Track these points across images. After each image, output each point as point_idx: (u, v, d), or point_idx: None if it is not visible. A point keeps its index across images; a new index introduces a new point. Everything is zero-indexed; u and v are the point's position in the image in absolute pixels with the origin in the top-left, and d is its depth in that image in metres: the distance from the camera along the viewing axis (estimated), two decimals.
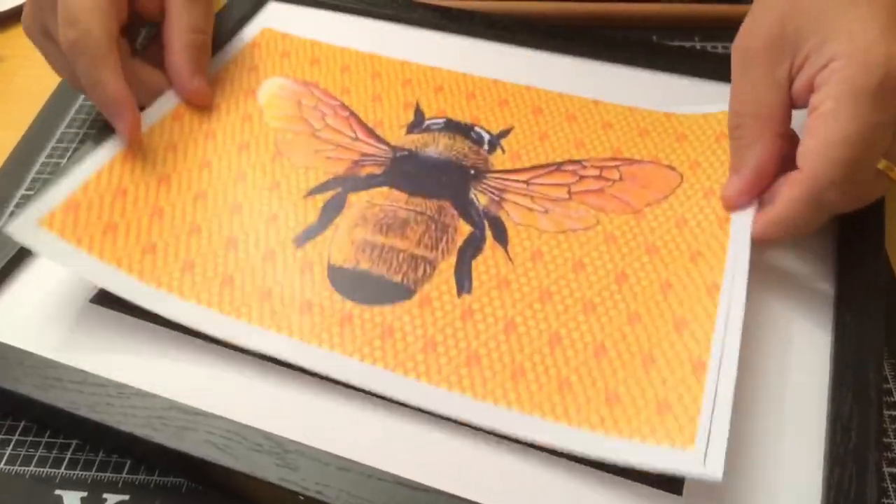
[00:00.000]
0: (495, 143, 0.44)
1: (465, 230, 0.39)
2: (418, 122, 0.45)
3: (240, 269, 0.37)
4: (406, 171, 0.42)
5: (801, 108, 0.36)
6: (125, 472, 0.34)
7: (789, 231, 0.35)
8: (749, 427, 0.33)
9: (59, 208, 0.37)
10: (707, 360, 0.32)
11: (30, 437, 0.35)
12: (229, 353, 0.35)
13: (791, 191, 0.35)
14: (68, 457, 0.34)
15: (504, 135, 0.44)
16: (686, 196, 0.40)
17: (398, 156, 0.43)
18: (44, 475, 0.33)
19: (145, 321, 0.36)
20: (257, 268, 0.37)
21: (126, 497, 0.33)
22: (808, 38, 0.35)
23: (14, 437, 0.35)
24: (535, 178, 0.41)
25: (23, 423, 0.35)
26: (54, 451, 0.34)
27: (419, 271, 0.37)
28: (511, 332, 0.35)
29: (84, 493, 0.33)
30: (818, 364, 0.35)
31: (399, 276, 0.37)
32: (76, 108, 0.50)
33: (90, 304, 0.37)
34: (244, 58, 0.48)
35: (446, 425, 0.33)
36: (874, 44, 0.33)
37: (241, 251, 0.38)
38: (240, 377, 0.34)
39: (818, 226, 0.36)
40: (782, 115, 0.37)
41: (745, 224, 0.36)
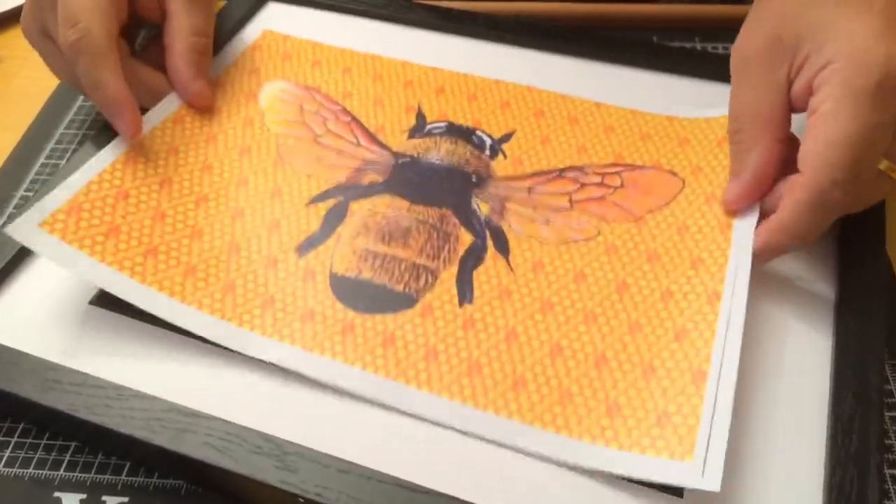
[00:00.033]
0: (497, 148, 0.44)
1: (466, 239, 0.39)
2: (420, 127, 0.45)
3: (242, 276, 0.37)
4: (408, 178, 0.42)
5: (801, 111, 0.36)
6: (124, 473, 0.34)
7: (794, 237, 0.35)
8: (750, 428, 0.33)
9: (60, 210, 0.37)
10: (707, 370, 0.32)
11: (29, 439, 0.35)
12: (229, 355, 0.35)
13: (793, 194, 0.35)
14: (67, 459, 0.34)
15: (506, 139, 0.44)
16: (688, 202, 0.40)
17: (400, 162, 0.43)
18: (43, 477, 0.34)
19: (144, 323, 0.36)
20: (259, 275, 0.37)
21: (125, 499, 0.33)
22: (805, 41, 0.35)
23: (13, 438, 0.35)
24: (536, 185, 0.42)
25: (22, 424, 0.36)
26: (53, 453, 0.34)
27: (421, 281, 0.37)
28: (512, 342, 0.35)
29: (83, 496, 0.33)
30: (819, 365, 0.35)
31: (401, 286, 0.37)
32: (75, 110, 0.50)
33: (89, 305, 0.37)
34: (245, 60, 0.48)
35: (446, 427, 0.33)
36: (872, 44, 0.33)
37: (243, 257, 0.38)
38: (239, 379, 0.34)
39: (822, 231, 0.35)
40: (782, 118, 0.37)
41: (746, 230, 0.36)
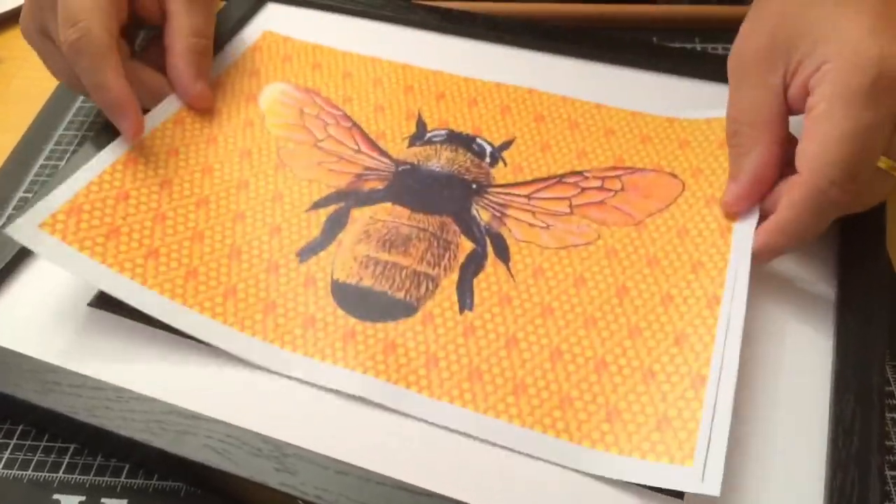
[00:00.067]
0: (497, 155, 0.44)
1: (466, 247, 0.39)
2: (420, 135, 0.45)
3: (243, 280, 0.37)
4: (408, 185, 0.42)
5: (799, 113, 0.37)
6: (124, 476, 0.34)
7: (792, 237, 0.35)
8: (750, 430, 0.33)
9: (61, 211, 0.37)
10: (707, 374, 0.33)
11: (28, 441, 0.35)
12: (229, 357, 0.35)
13: (791, 195, 0.35)
14: (66, 461, 0.34)
15: (506, 146, 0.44)
16: (688, 205, 0.40)
17: (400, 170, 0.43)
18: (42, 479, 0.34)
19: (144, 325, 0.37)
20: (261, 280, 0.38)
21: (124, 501, 0.33)
22: (799, 44, 0.36)
23: (12, 440, 0.35)
24: (536, 192, 0.42)
25: (21, 426, 0.36)
26: (52, 455, 0.34)
27: (422, 288, 0.37)
28: (512, 347, 0.35)
29: (82, 498, 0.33)
30: (820, 367, 0.35)
31: (402, 293, 0.37)
32: (74, 111, 0.50)
33: (89, 307, 0.37)
34: (245, 61, 0.49)
35: (446, 429, 0.33)
36: (865, 44, 0.34)
37: (244, 261, 0.38)
38: (239, 381, 0.35)
39: (820, 231, 0.36)
40: (778, 121, 0.37)
41: (746, 233, 0.37)
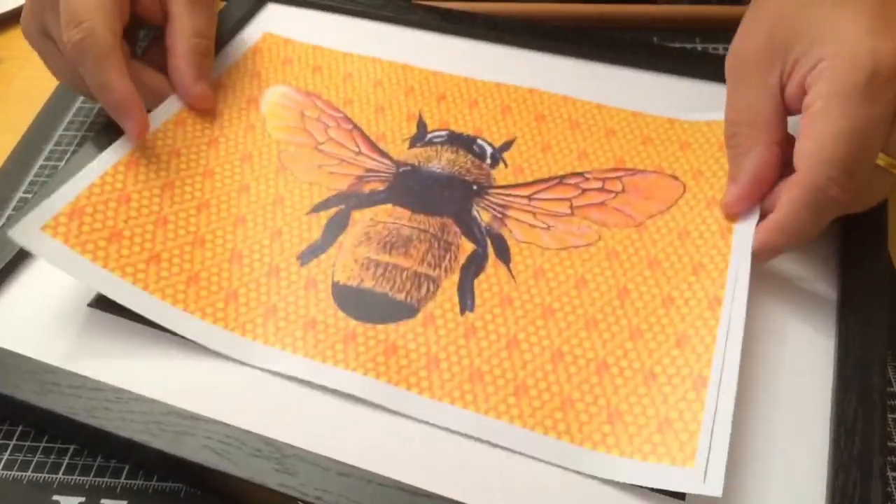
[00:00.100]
0: (497, 156, 0.44)
1: (467, 248, 0.40)
2: (421, 136, 0.45)
3: (244, 284, 0.38)
4: (409, 187, 0.42)
5: (797, 113, 0.37)
6: (123, 476, 0.34)
7: (791, 236, 0.35)
8: (751, 431, 0.33)
9: (62, 213, 0.38)
10: (708, 375, 0.33)
11: (27, 442, 0.35)
12: (228, 358, 0.36)
13: (789, 193, 0.36)
14: (66, 462, 0.34)
15: (506, 147, 0.45)
16: (689, 207, 0.40)
17: (401, 171, 0.43)
18: (41, 480, 0.34)
19: (143, 326, 0.37)
20: (262, 284, 0.38)
21: (124, 502, 0.34)
22: (796, 44, 0.37)
23: (11, 441, 0.35)
24: (537, 192, 0.42)
25: (20, 427, 0.36)
26: (52, 456, 0.35)
27: (422, 289, 0.37)
28: (513, 349, 0.35)
29: (82, 499, 0.33)
30: (821, 367, 0.35)
31: (402, 295, 0.37)
32: (74, 111, 0.51)
33: (88, 308, 0.38)
34: (246, 63, 0.49)
35: (447, 430, 0.33)
36: (860, 41, 0.34)
37: (245, 265, 0.39)
38: (238, 382, 0.35)
39: (819, 230, 0.36)
40: (776, 121, 0.38)
41: (747, 234, 0.37)
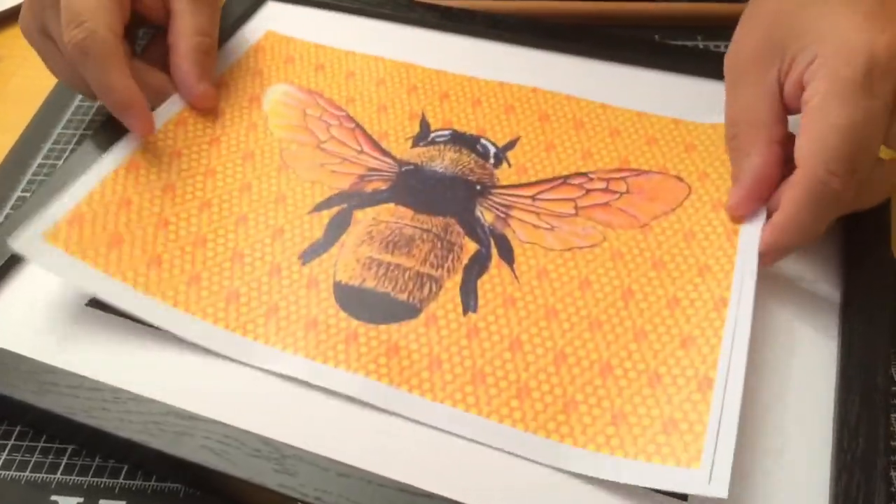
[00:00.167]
0: (501, 156, 0.44)
1: (470, 248, 0.40)
2: (424, 135, 0.45)
3: (245, 284, 0.38)
4: (412, 186, 0.43)
5: (797, 112, 0.37)
6: (122, 477, 0.34)
7: (796, 234, 0.35)
8: (755, 431, 0.33)
9: (63, 221, 0.38)
10: (714, 377, 0.34)
11: (25, 442, 0.36)
12: (227, 358, 0.36)
13: (792, 191, 0.36)
14: (64, 462, 0.34)
15: (510, 146, 0.45)
16: (694, 208, 0.40)
17: (404, 170, 0.43)
18: (40, 481, 0.34)
19: (142, 325, 0.37)
20: (263, 283, 0.38)
21: (123, 502, 0.34)
22: (792, 42, 0.37)
23: (10, 441, 0.36)
24: (541, 192, 0.42)
25: (18, 427, 0.36)
26: (50, 456, 0.35)
27: (425, 290, 0.37)
28: (517, 350, 0.35)
29: (81, 499, 0.34)
30: (825, 368, 0.35)
31: (405, 295, 0.37)
32: (73, 110, 0.51)
33: (86, 307, 0.38)
34: (248, 61, 0.49)
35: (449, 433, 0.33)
36: (855, 34, 0.35)
37: (247, 264, 0.39)
38: (237, 381, 0.35)
39: (824, 227, 0.36)
40: (776, 120, 0.38)
41: (753, 236, 0.38)
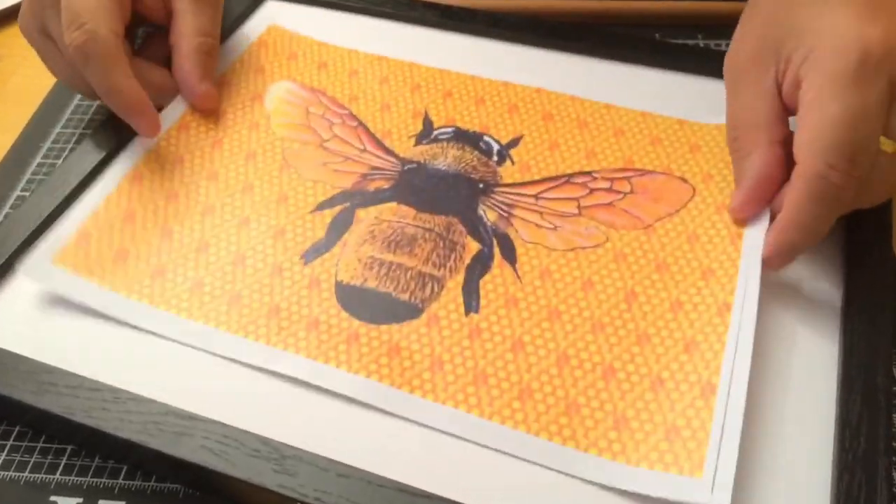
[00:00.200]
0: (504, 154, 0.44)
1: (473, 247, 0.40)
2: (427, 133, 0.45)
3: (247, 286, 0.38)
4: (414, 185, 0.43)
5: (796, 111, 0.36)
6: (121, 477, 0.34)
7: (801, 231, 0.36)
8: (756, 432, 0.33)
9: (70, 242, 0.39)
10: (717, 383, 0.34)
11: (24, 443, 0.36)
12: (226, 358, 0.35)
13: (793, 188, 0.36)
14: (63, 462, 0.34)
15: (514, 144, 0.44)
16: (698, 210, 0.40)
17: (406, 169, 0.43)
18: (39, 481, 0.34)
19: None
20: (265, 284, 0.38)
21: (122, 503, 0.33)
22: (787, 42, 0.37)
23: (8, 442, 0.36)
24: (544, 191, 0.42)
25: (17, 427, 0.36)
26: (49, 457, 0.35)
27: (427, 290, 0.37)
28: (519, 351, 0.35)
29: (80, 499, 0.34)
30: (826, 368, 0.35)
31: (406, 295, 0.37)
32: (72, 109, 0.51)
33: (86, 307, 0.37)
34: (251, 58, 0.49)
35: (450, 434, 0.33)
36: (848, 28, 0.35)
37: (248, 267, 0.39)
38: (237, 381, 0.35)
39: (829, 224, 0.36)
40: (776, 121, 0.38)
41: (757, 239, 0.38)
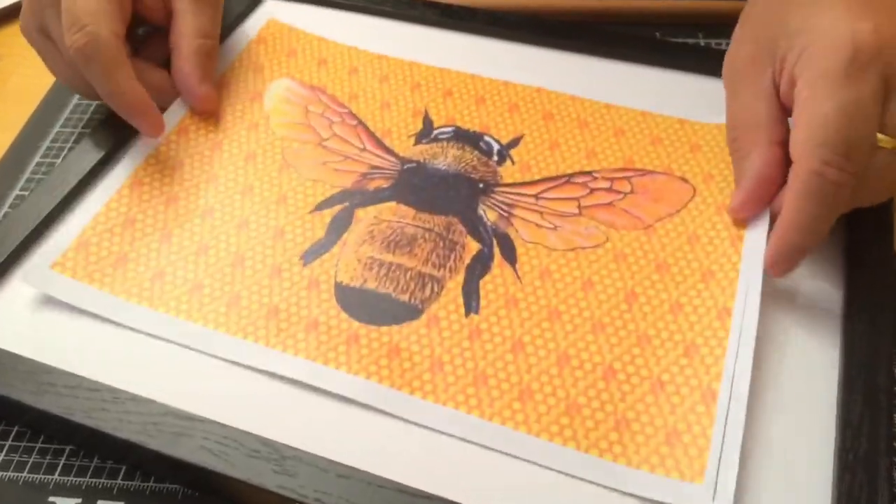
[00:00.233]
0: (504, 153, 0.44)
1: (473, 247, 0.40)
2: (427, 132, 0.45)
3: (246, 287, 0.38)
4: (414, 184, 0.43)
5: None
6: (120, 478, 0.34)
7: (802, 231, 0.35)
8: (757, 432, 0.33)
9: (70, 249, 0.39)
10: (717, 389, 0.34)
11: (23, 443, 0.36)
12: (226, 358, 0.35)
13: (790, 189, 0.36)
14: (62, 463, 0.34)
15: (514, 144, 0.44)
16: (698, 211, 0.40)
17: (406, 168, 0.43)
18: (37, 481, 0.34)
19: None
20: (264, 285, 0.38)
21: (121, 503, 0.32)
22: (781, 42, 0.38)
23: (7, 442, 0.36)
24: (544, 191, 0.42)
25: (16, 428, 0.36)
26: (48, 457, 0.35)
27: (427, 290, 0.37)
28: (519, 351, 0.35)
29: (78, 500, 0.34)
30: (827, 369, 0.36)
31: (406, 296, 0.37)
32: (71, 108, 0.51)
33: (85, 307, 0.37)
34: (250, 56, 0.49)
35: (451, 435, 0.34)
36: (838, 25, 0.35)
37: (248, 268, 0.39)
38: (236, 382, 0.35)
39: (829, 222, 0.36)
40: (775, 122, 0.39)
41: (757, 243, 0.38)
